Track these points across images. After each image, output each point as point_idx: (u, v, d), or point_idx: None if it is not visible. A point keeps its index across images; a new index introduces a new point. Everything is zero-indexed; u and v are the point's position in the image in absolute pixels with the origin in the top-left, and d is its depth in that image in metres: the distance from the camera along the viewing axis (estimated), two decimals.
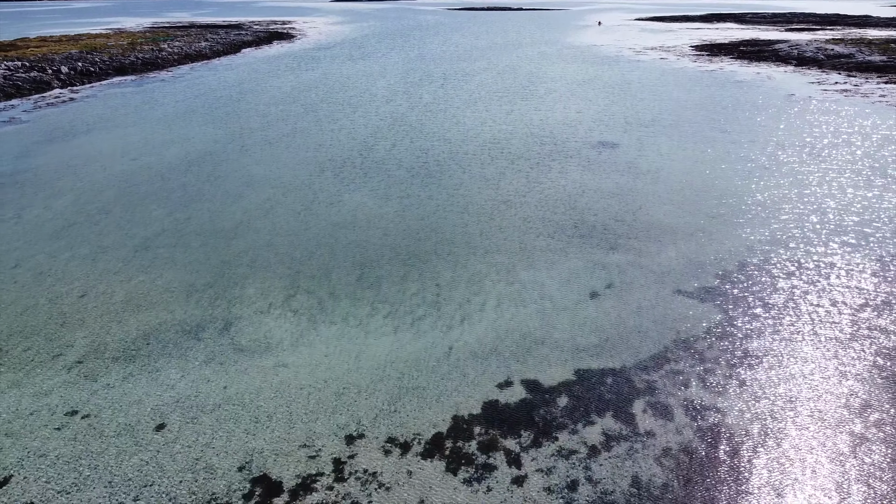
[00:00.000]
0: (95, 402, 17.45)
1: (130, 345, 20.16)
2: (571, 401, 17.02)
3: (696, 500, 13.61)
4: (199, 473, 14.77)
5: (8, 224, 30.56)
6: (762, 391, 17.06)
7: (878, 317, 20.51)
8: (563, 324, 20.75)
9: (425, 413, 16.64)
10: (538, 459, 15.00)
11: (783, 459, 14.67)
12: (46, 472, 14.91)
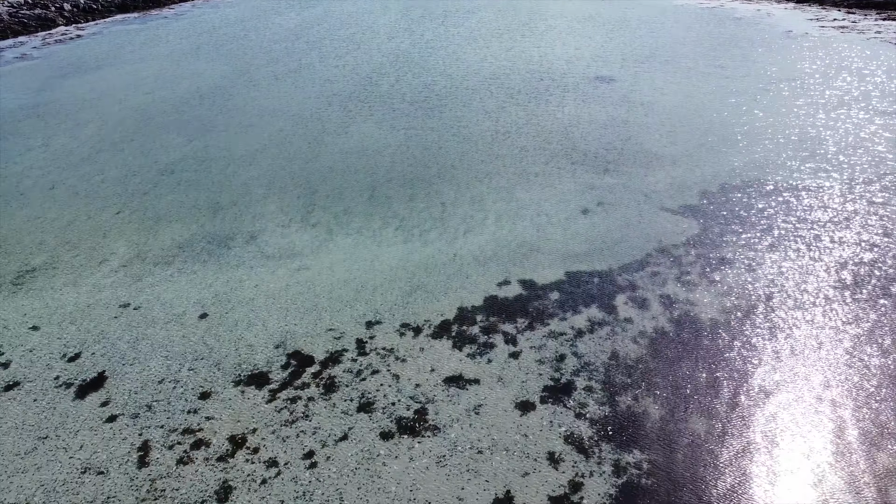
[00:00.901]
0: (143, 297, 19.66)
1: (167, 252, 22.24)
2: (561, 296, 19.20)
3: (663, 369, 15.96)
4: (241, 350, 17.09)
5: (37, 151, 32.18)
6: (731, 289, 19.22)
7: (842, 229, 22.48)
8: (556, 235, 22.76)
9: (433, 305, 18.85)
10: (531, 339, 17.29)
11: (745, 340, 16.95)
12: (110, 350, 17.24)
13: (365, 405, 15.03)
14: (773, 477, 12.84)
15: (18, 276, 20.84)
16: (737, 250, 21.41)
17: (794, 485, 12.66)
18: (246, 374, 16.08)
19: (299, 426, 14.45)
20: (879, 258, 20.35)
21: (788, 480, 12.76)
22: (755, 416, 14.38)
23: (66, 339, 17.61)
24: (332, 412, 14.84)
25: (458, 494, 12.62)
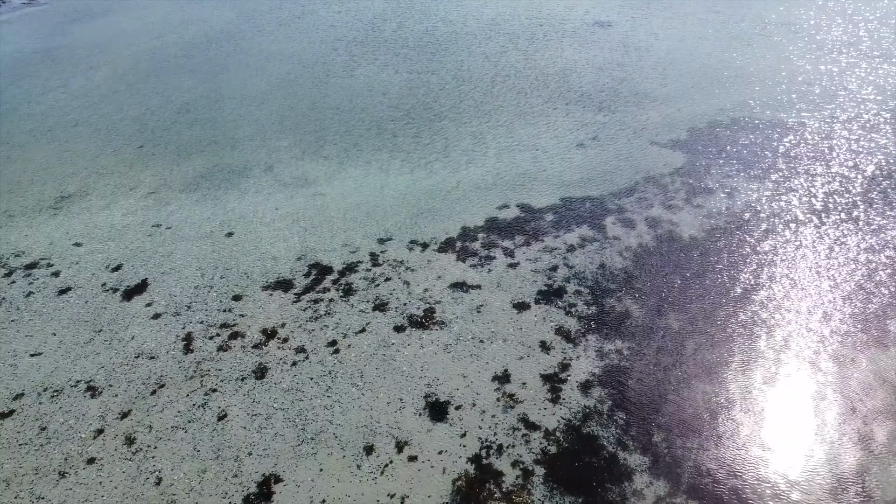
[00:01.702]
0: (173, 218, 21.25)
1: (191, 181, 23.72)
2: (556, 217, 20.80)
3: (644, 276, 17.69)
4: (266, 262, 18.79)
5: (57, 92, 33.21)
6: (710, 212, 20.80)
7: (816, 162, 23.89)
8: (552, 166, 24.20)
9: (439, 225, 20.46)
10: (528, 253, 18.98)
11: (719, 253, 18.63)
12: (148, 262, 18.93)
13: (380, 305, 16.82)
14: (734, 362, 14.73)
15: (56, 202, 22.39)
16: (718, 179, 22.90)
17: (750, 365, 14.56)
18: (272, 281, 17.83)
19: (322, 321, 16.27)
20: (845, 188, 21.88)
21: (746, 362, 14.66)
22: (723, 314, 16.19)
23: (108, 254, 19.29)
24: (350, 311, 16.64)
25: (462, 373, 14.52)
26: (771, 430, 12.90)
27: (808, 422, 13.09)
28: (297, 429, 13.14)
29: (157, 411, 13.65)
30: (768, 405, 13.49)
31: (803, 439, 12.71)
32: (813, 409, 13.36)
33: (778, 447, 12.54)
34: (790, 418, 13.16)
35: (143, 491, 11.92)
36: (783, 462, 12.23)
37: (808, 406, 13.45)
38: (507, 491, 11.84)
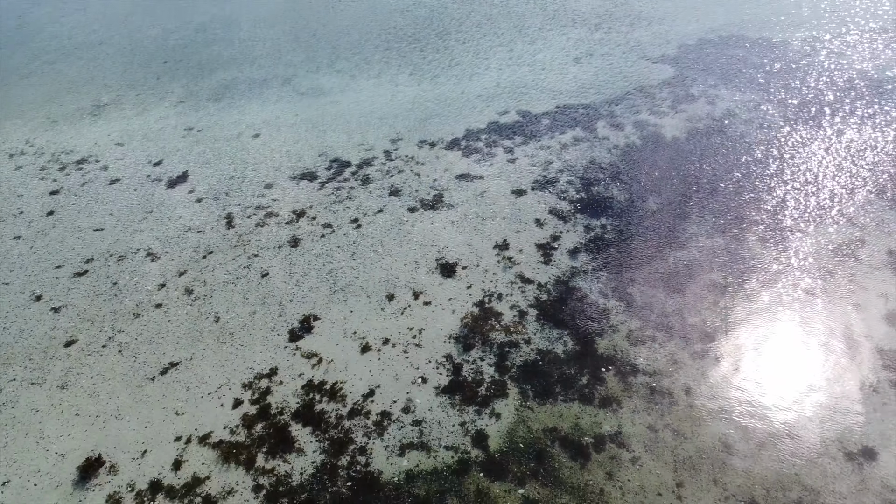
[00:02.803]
0: (203, 123, 22.86)
1: (216, 92, 25.15)
2: (552, 121, 22.39)
3: (629, 168, 19.48)
4: (291, 157, 20.55)
5: (77, 14, 34.02)
6: (692, 116, 22.36)
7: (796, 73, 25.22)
8: (550, 78, 25.55)
9: (445, 127, 22.08)
10: (525, 150, 20.70)
11: (698, 149, 20.34)
12: (185, 158, 20.69)
13: (394, 192, 18.71)
14: (701, 234, 16.74)
15: (94, 110, 23.92)
16: (703, 90, 24.32)
17: (713, 235, 16.59)
18: (298, 173, 19.65)
19: (345, 204, 18.20)
20: (816, 98, 23.35)
21: (710, 234, 16.68)
22: (695, 198, 18.07)
23: (148, 151, 21.03)
24: (369, 196, 18.54)
25: (467, 242, 16.55)
26: (725, 282, 15.04)
27: (753, 274, 15.22)
28: (329, 283, 15.28)
29: (208, 271, 15.78)
30: (725, 263, 15.59)
31: (750, 284, 14.86)
32: (757, 265, 15.47)
33: (729, 294, 14.71)
34: (743, 272, 15.29)
35: (204, 326, 14.17)
36: (734, 305, 14.42)
37: (754, 263, 15.55)
38: (506, 326, 14.07)
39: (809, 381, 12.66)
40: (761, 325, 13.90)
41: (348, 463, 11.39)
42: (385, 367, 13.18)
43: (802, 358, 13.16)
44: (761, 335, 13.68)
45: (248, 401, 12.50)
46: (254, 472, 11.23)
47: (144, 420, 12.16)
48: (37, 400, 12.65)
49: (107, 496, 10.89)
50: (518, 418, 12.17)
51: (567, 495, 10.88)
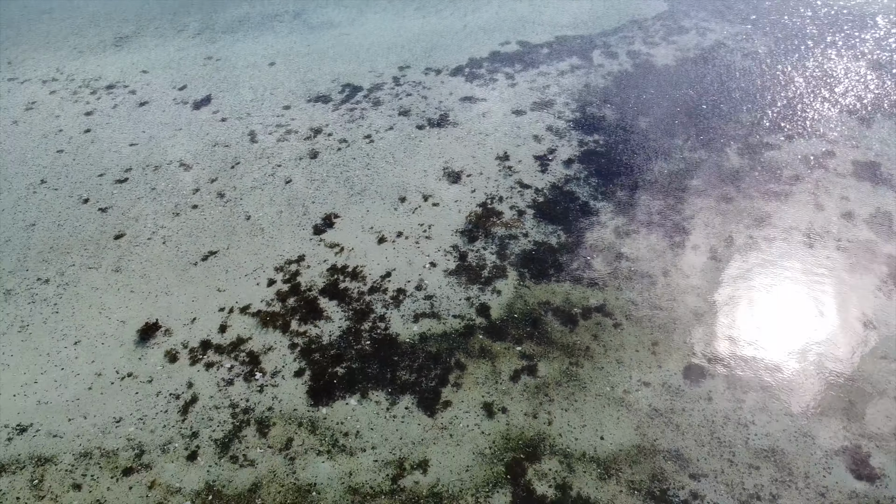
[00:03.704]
0: (221, 53, 23.71)
1: (231, 25, 25.84)
2: (550, 51, 23.25)
3: (621, 92, 20.50)
4: (306, 83, 21.53)
5: None
6: (683, 46, 23.21)
7: (784, 11, 25.88)
8: (548, 12, 26.19)
9: (449, 56, 22.96)
10: (525, 77, 21.65)
11: (687, 77, 21.32)
12: (207, 83, 21.65)
13: (403, 112, 19.80)
14: (685, 147, 17.94)
15: (116, 41, 24.71)
16: (695, 23, 25.05)
17: (695, 147, 17.79)
18: (313, 96, 20.68)
19: (358, 123, 19.32)
20: (804, 28, 24.11)
21: (693, 147, 17.89)
22: (681, 116, 19.19)
23: (171, 77, 21.99)
24: (380, 115, 19.65)
25: (472, 155, 17.77)
26: (705, 187, 16.35)
27: (730, 180, 16.52)
28: (347, 188, 16.59)
29: (237, 178, 17.07)
30: (705, 172, 16.86)
31: (726, 189, 16.19)
32: (733, 173, 16.75)
33: (707, 197, 16.04)
34: (720, 179, 16.58)
35: (237, 223, 15.55)
36: (710, 206, 15.77)
37: (731, 172, 16.83)
38: (506, 222, 15.46)
39: (771, 262, 14.18)
40: (734, 221, 15.32)
41: (370, 328, 12.96)
42: (399, 255, 14.64)
43: (767, 245, 14.63)
44: (733, 229, 15.11)
45: (281, 280, 14.00)
46: (289, 335, 12.81)
47: (191, 296, 13.68)
48: (95, 280, 14.15)
49: (164, 352, 12.49)
50: (516, 294, 13.69)
51: (557, 351, 12.48)
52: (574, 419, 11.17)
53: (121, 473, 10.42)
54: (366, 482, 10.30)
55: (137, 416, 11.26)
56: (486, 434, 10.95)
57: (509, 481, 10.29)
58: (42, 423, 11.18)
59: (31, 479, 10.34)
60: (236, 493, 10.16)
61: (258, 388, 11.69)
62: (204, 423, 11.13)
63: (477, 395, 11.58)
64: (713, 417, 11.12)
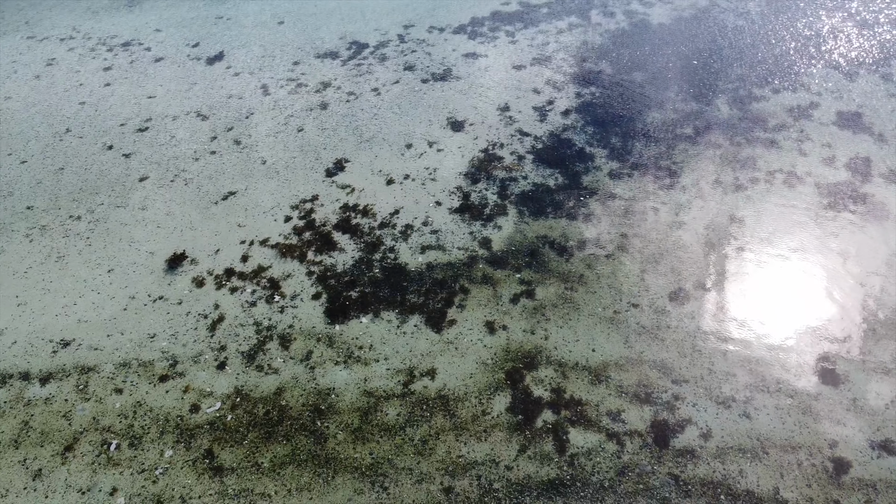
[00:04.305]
0: (231, 13, 24.10)
1: None
2: (549, 10, 23.62)
3: (618, 49, 21.03)
4: (314, 41, 22.01)
5: None
6: (678, 6, 23.60)
7: None
8: None
9: (452, 15, 23.33)
10: (525, 34, 22.11)
11: (684, 33, 21.81)
12: (219, 40, 22.13)
13: (408, 67, 20.35)
14: (678, 98, 18.55)
15: (129, 2, 25.09)
16: None
17: (686, 97, 18.42)
18: (322, 53, 21.19)
19: (365, 77, 19.89)
20: None
21: (685, 98, 18.51)
22: (673, 69, 19.76)
23: (184, 35, 22.45)
24: (386, 70, 20.21)
25: (474, 106, 18.40)
26: (694, 135, 17.03)
27: (718, 128, 17.20)
28: (356, 136, 17.27)
29: (252, 127, 17.73)
30: (695, 121, 17.52)
31: (714, 137, 16.88)
32: (721, 122, 17.43)
33: (697, 143, 16.73)
34: (709, 127, 17.26)
35: (254, 167, 16.28)
36: (699, 153, 16.48)
37: (720, 121, 17.50)
38: (506, 166, 16.18)
39: (754, 200, 14.98)
40: (721, 164, 16.06)
41: (380, 258, 13.80)
42: (407, 195, 15.41)
43: (750, 186, 15.41)
44: (720, 172, 15.86)
45: (297, 217, 14.80)
46: (306, 264, 13.66)
47: (214, 231, 14.49)
48: (124, 217, 14.96)
49: (191, 279, 13.35)
50: (516, 229, 14.50)
51: (554, 278, 13.34)
52: (568, 335, 12.07)
53: (157, 380, 11.35)
54: (379, 387, 11.24)
55: (170, 333, 12.16)
56: (487, 347, 11.86)
57: (509, 386, 11.23)
58: (83, 338, 12.09)
59: (77, 385, 11.28)
60: (262, 395, 11.10)
61: (279, 309, 12.57)
62: (231, 338, 12.04)
63: (480, 315, 12.47)
64: (695, 333, 12.03)
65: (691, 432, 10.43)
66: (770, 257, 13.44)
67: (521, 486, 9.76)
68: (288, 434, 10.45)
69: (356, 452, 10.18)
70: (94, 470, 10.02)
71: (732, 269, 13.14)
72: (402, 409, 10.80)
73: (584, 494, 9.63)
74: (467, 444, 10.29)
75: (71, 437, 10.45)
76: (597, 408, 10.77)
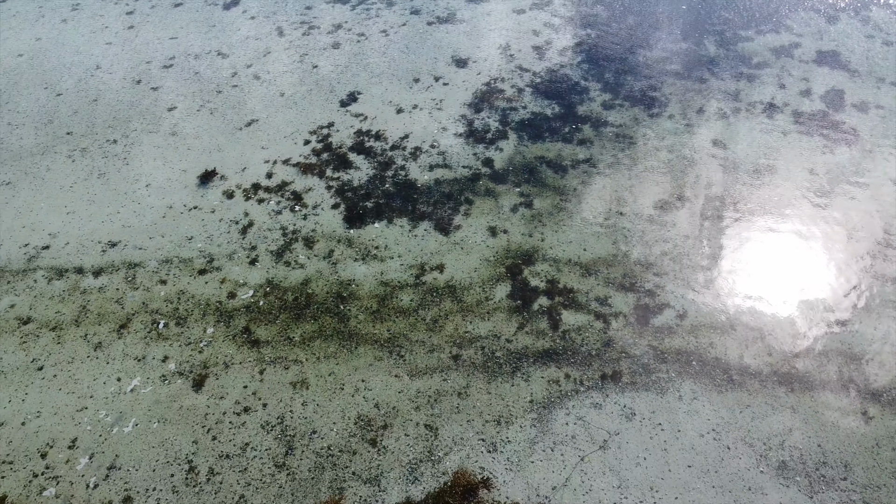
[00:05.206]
0: None
1: None
2: None
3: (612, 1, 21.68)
4: None
5: None
6: None
7: None
8: None
9: None
10: None
11: None
12: None
13: (414, 11, 20.98)
14: (668, 44, 19.34)
15: None
16: None
17: (677, 46, 19.21)
18: None
19: (374, 20, 20.57)
20: None
21: (675, 45, 19.28)
22: (664, 15, 20.49)
23: None
24: (393, 14, 20.84)
25: (476, 45, 19.14)
26: (683, 71, 17.90)
27: (704, 66, 18.05)
28: (367, 72, 18.09)
29: (269, 64, 18.54)
30: (683, 59, 18.36)
31: (701, 73, 17.76)
32: (708, 60, 18.27)
33: (685, 78, 17.62)
34: (697, 64, 18.11)
35: (273, 98, 17.16)
36: (688, 87, 17.37)
37: (707, 60, 18.34)
38: (507, 97, 17.10)
39: (735, 126, 16.01)
40: (706, 96, 16.99)
41: (392, 175, 14.83)
42: (415, 122, 16.36)
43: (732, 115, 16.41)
44: (704, 103, 16.80)
45: (315, 140, 15.78)
46: (325, 179, 14.70)
47: (240, 152, 15.49)
48: (156, 141, 15.93)
49: (222, 191, 14.41)
50: (516, 151, 15.50)
51: (550, 192, 14.40)
52: (562, 237, 13.20)
53: (197, 273, 12.51)
54: (394, 278, 12.41)
55: (205, 236, 13.28)
56: (490, 247, 12.99)
57: (509, 278, 12.39)
58: (128, 240, 13.22)
59: (126, 277, 12.45)
60: (291, 285, 12.27)
61: (302, 217, 13.67)
62: (260, 239, 13.17)
63: (483, 221, 13.58)
64: (675, 235, 13.16)
65: (669, 314, 11.63)
66: (745, 174, 14.51)
67: (520, 354, 10.99)
68: (315, 315, 11.65)
69: (375, 329, 11.39)
70: (147, 343, 11.25)
71: (711, 184, 14.21)
72: (414, 295, 11.98)
73: (574, 360, 10.87)
74: (472, 323, 11.49)
75: (124, 318, 11.65)
76: (587, 294, 11.95)
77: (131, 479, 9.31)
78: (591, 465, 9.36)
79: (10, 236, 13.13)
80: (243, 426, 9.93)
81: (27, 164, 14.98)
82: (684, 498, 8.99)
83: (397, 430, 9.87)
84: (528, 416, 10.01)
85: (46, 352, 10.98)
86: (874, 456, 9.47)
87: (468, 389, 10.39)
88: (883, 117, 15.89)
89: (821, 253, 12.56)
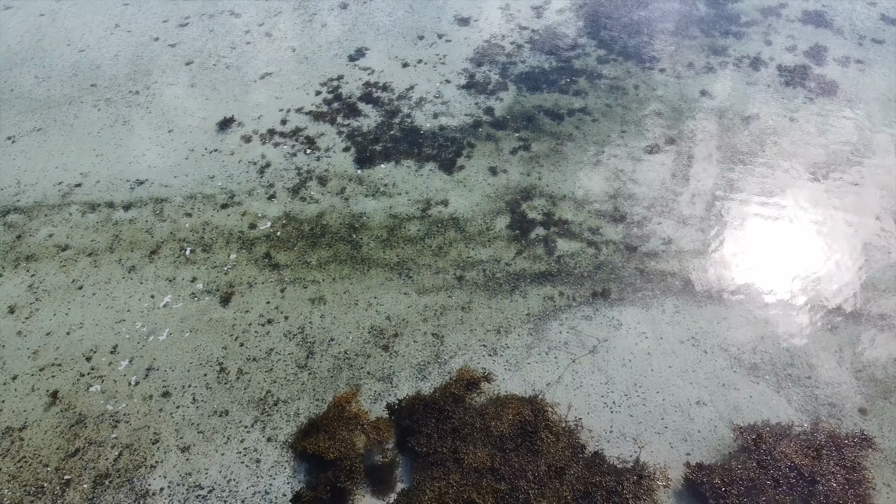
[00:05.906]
0: None
1: None
2: None
3: None
4: None
5: None
6: None
7: None
8: None
9: None
10: None
11: None
12: None
13: None
14: (664, 18, 19.88)
15: None
16: None
17: (669, 17, 19.75)
18: None
19: None
20: None
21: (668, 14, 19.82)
22: None
23: None
24: None
25: (477, 6, 19.60)
26: (676, 29, 18.48)
27: (696, 24, 18.65)
28: (373, 30, 18.64)
29: (280, 23, 19.05)
30: (676, 18, 18.93)
31: (692, 30, 18.36)
32: (699, 18, 18.85)
33: (677, 35, 18.22)
34: (689, 23, 18.69)
35: (285, 54, 17.75)
36: (679, 42, 17.97)
37: (698, 18, 18.91)
38: (507, 53, 17.69)
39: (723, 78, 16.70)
40: (696, 51, 17.62)
41: (399, 122, 15.52)
42: (420, 75, 17.01)
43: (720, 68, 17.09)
44: (694, 58, 17.45)
45: (325, 91, 16.44)
46: (336, 125, 15.40)
47: (255, 102, 16.16)
48: (177, 93, 16.60)
49: (240, 136, 15.12)
50: (515, 100, 16.19)
51: (547, 136, 15.12)
52: (558, 176, 13.96)
53: (219, 207, 13.29)
54: (402, 212, 13.19)
55: (226, 175, 14.05)
56: (491, 185, 13.76)
57: (508, 211, 13.18)
58: (154, 178, 13.98)
59: (154, 210, 13.23)
60: (307, 217, 13.07)
61: (316, 158, 14.42)
62: (277, 178, 13.93)
63: (484, 162, 14.33)
64: (663, 174, 13.92)
65: (655, 241, 12.44)
66: (731, 121, 15.22)
67: (518, 275, 11.83)
68: (329, 243, 12.47)
69: (385, 255, 12.21)
70: (176, 266, 12.08)
71: (698, 130, 14.94)
72: (421, 226, 12.78)
73: (568, 281, 11.72)
74: (474, 249, 12.31)
75: (154, 245, 12.47)
76: (580, 225, 12.75)
77: (168, 378, 10.20)
78: (581, 366, 10.24)
79: (44, 175, 13.90)
80: (268, 335, 10.80)
81: (56, 113, 15.68)
82: (665, 392, 9.89)
83: (407, 337, 10.73)
84: (526, 326, 10.87)
85: (85, 274, 11.81)
86: (837, 358, 10.36)
87: (471, 304, 11.24)
88: (862, 70, 16.55)
89: (797, 186, 13.33)
